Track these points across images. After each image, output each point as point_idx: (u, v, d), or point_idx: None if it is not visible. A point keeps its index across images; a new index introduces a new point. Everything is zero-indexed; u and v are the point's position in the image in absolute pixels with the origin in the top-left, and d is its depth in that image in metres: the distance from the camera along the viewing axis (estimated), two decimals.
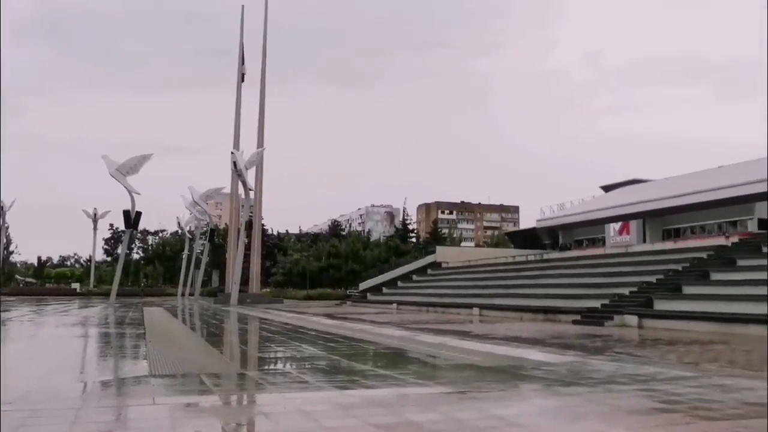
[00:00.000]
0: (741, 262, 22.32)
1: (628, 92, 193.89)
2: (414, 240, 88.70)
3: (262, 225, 69.61)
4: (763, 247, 23.07)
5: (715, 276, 21.82)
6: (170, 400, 6.79)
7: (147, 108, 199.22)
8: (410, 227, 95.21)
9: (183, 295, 68.10)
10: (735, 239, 27.13)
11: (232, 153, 50.95)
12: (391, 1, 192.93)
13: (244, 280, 55.42)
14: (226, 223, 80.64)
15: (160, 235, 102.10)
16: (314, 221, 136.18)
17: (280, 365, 11.30)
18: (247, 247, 56.29)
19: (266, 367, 11.10)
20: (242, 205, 54.50)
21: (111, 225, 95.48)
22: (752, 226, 36.94)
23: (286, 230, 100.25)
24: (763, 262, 20.41)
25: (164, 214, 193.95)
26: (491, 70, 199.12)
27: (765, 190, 34.17)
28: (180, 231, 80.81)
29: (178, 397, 7.19)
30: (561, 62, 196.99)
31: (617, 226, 46.58)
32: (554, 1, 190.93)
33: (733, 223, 39.25)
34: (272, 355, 13.13)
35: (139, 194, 51.33)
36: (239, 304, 45.47)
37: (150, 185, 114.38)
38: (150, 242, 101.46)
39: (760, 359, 10.61)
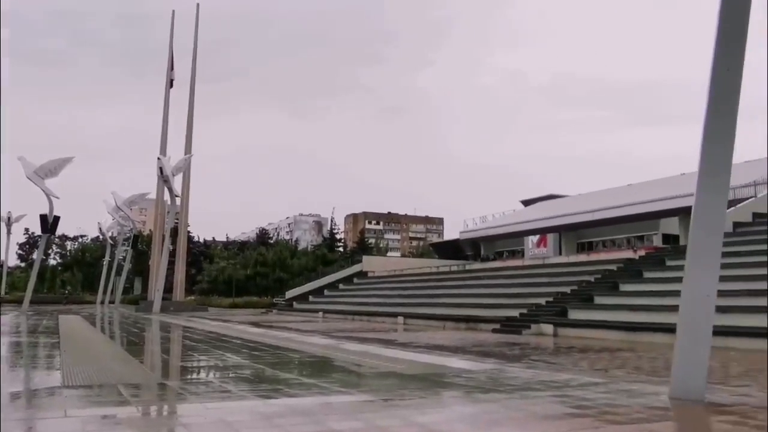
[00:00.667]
0: (647, 275, 23.46)
1: (549, 111, 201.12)
2: (341, 249, 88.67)
3: (188, 232, 68.11)
4: (666, 261, 24.35)
5: (624, 287, 22.88)
6: (84, 412, 6.54)
7: (69, 110, 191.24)
8: (338, 237, 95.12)
9: (103, 302, 65.78)
10: (642, 253, 28.49)
11: (158, 159, 49.70)
12: (326, 16, 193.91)
13: (168, 288, 54.14)
14: (150, 230, 78.30)
15: (80, 240, 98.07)
16: (242, 229, 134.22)
17: (202, 374, 11.11)
18: (172, 254, 55.01)
19: (188, 377, 10.87)
20: (168, 212, 53.21)
21: (26, 229, 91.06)
22: (657, 241, 39.12)
23: (213, 238, 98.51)
24: (666, 274, 21.59)
25: (85, 219, 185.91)
26: (422, 85, 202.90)
27: (669, 207, 36.34)
28: (101, 237, 77.91)
29: (93, 408, 6.94)
30: (489, 80, 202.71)
31: (535, 238, 48.27)
32: (484, 22, 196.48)
33: (641, 238, 41.41)
34: (195, 364, 12.88)
35: (57, 198, 49.26)
36: (162, 312, 44.35)
37: (70, 189, 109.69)
38: (69, 248, 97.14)
39: (663, 365, 11.23)
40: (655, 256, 26.78)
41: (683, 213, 32.94)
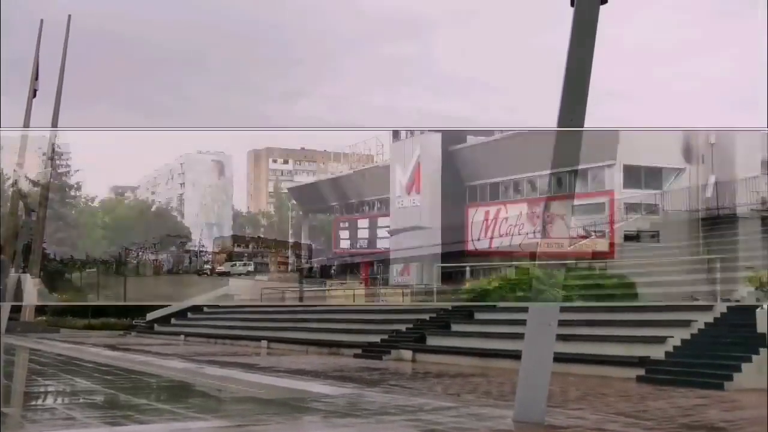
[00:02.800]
0: (500, 304, 24.77)
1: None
2: None
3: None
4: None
5: (479, 315, 23.82)
6: None
7: None
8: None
9: None
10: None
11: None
12: (196, 41, 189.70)
13: (15, 307, 49.69)
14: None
15: None
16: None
17: (48, 401, 10.45)
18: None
19: (30, 404, 10.17)
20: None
21: None
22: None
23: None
24: (518, 304, 22.90)
25: None
26: (287, 115, 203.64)
27: None
28: None
29: None
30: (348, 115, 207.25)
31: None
32: (368, 60, 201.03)
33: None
34: (40, 390, 12.05)
35: None
36: (7, 333, 40.67)
37: None
38: None
39: (510, 390, 11.98)
40: None
41: None
